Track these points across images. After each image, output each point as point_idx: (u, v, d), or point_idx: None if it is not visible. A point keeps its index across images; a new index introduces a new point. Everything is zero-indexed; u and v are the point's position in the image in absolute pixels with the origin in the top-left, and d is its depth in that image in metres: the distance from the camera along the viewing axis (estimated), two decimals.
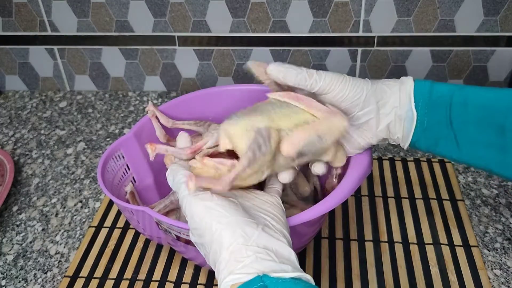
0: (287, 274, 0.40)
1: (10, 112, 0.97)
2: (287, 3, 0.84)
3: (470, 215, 0.69)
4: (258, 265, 0.40)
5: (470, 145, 0.51)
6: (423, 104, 0.52)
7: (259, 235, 0.43)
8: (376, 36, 0.87)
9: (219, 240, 0.43)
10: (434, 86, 0.52)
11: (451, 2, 0.82)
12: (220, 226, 0.43)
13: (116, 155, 0.65)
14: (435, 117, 0.52)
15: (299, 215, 0.51)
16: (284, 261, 0.42)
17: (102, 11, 0.89)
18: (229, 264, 0.41)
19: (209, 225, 0.44)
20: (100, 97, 0.99)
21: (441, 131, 0.52)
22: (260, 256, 0.41)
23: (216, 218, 0.44)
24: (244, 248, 0.41)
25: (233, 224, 0.43)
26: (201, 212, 0.45)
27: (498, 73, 0.89)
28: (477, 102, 0.50)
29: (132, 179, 0.68)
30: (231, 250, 0.42)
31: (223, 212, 0.44)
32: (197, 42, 0.91)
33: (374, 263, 0.64)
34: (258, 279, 0.39)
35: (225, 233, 0.42)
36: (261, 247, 0.42)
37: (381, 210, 0.71)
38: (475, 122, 0.50)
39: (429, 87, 0.52)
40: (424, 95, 0.52)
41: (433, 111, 0.52)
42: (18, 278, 0.65)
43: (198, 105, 0.70)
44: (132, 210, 0.57)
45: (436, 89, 0.52)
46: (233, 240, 0.42)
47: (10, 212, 0.75)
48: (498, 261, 0.63)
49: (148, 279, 0.64)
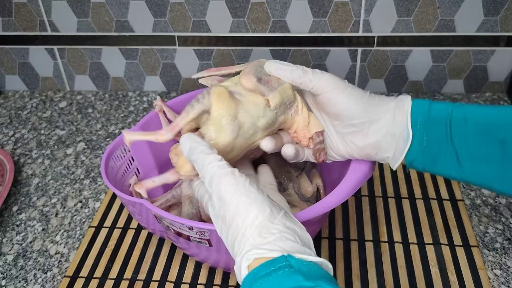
0: (310, 258, 0.40)
1: (10, 112, 0.97)
2: (287, 3, 0.84)
3: (470, 215, 0.69)
4: (282, 244, 0.40)
5: (470, 161, 0.50)
6: (422, 122, 0.51)
7: (283, 215, 0.42)
8: (376, 36, 0.87)
9: (244, 214, 0.42)
10: (432, 104, 0.51)
11: (451, 2, 0.82)
12: (248, 200, 0.42)
13: (121, 148, 0.65)
14: (435, 135, 0.51)
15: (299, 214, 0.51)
16: (305, 245, 0.41)
17: (102, 11, 0.89)
18: (252, 238, 0.41)
19: (237, 198, 0.43)
20: (100, 97, 0.99)
21: (441, 148, 0.51)
22: (285, 235, 0.40)
23: (244, 193, 0.43)
24: (270, 225, 0.41)
25: (261, 200, 0.43)
26: (230, 184, 0.44)
27: (498, 73, 0.89)
28: (477, 118, 0.50)
29: (136, 172, 0.68)
30: (256, 224, 0.41)
31: (251, 188, 0.43)
32: (197, 42, 0.91)
33: (374, 263, 0.64)
34: (283, 258, 0.39)
35: (252, 207, 0.42)
36: (286, 227, 0.41)
37: (381, 210, 0.71)
38: (476, 138, 0.49)
39: (428, 105, 0.51)
40: (422, 114, 0.51)
41: (432, 129, 0.51)
42: (18, 278, 0.65)
43: None
44: (131, 203, 0.57)
45: (435, 107, 0.51)
46: (259, 215, 0.41)
47: (10, 212, 0.75)
48: (498, 261, 0.63)
49: (148, 279, 0.64)
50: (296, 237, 0.41)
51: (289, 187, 0.65)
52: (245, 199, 0.42)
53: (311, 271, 0.38)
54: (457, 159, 0.50)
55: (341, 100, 0.52)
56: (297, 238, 0.41)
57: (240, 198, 0.43)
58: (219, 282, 0.63)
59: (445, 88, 0.92)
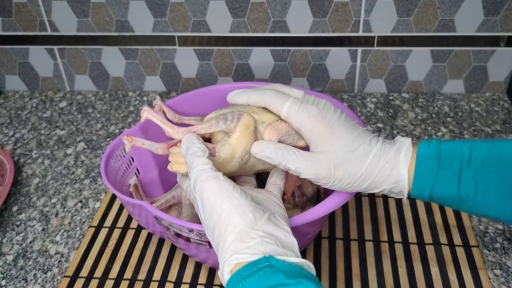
0: (291, 259, 0.40)
1: (10, 112, 0.97)
2: (287, 3, 0.84)
3: (470, 215, 0.69)
4: (262, 248, 0.41)
5: (483, 202, 0.48)
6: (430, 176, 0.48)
7: (265, 221, 0.43)
8: (376, 36, 0.87)
9: (226, 220, 0.42)
10: (440, 158, 0.48)
11: (451, 2, 0.82)
12: (229, 207, 0.43)
13: (121, 148, 0.65)
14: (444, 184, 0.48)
15: (301, 215, 0.51)
16: (287, 248, 0.42)
17: (102, 11, 0.89)
18: (233, 244, 0.41)
19: (219, 204, 0.43)
20: (100, 97, 0.99)
21: (450, 192, 0.48)
22: (265, 239, 0.41)
23: (227, 199, 0.43)
24: (250, 231, 0.42)
25: (243, 206, 0.43)
26: (212, 189, 0.44)
27: (498, 73, 0.89)
28: (490, 159, 0.47)
29: (136, 172, 0.68)
30: (237, 231, 0.42)
31: (234, 193, 0.44)
32: (197, 42, 0.91)
33: (374, 263, 0.64)
34: (264, 259, 0.39)
35: (233, 213, 0.42)
36: (267, 232, 0.42)
37: (381, 210, 0.71)
38: (489, 180, 0.47)
39: (435, 165, 0.48)
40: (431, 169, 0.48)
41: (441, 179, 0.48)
42: (18, 278, 0.65)
43: (204, 101, 0.70)
44: (131, 204, 0.57)
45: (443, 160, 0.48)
46: (240, 221, 0.42)
47: (10, 212, 0.75)
48: (498, 261, 0.63)
49: (148, 279, 0.64)
50: (277, 240, 0.42)
51: None
52: (227, 206, 0.43)
53: (292, 271, 0.39)
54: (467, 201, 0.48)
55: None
56: (278, 242, 0.42)
57: (222, 204, 0.43)
58: (219, 282, 0.63)
59: (445, 88, 0.92)
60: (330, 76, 0.92)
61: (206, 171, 0.46)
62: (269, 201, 0.49)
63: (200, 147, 0.49)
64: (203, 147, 0.49)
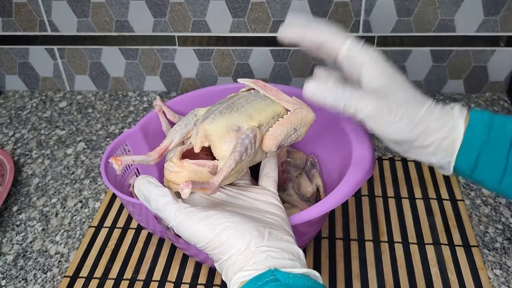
0: (296, 270, 0.40)
1: (10, 112, 0.97)
2: (287, 3, 0.84)
3: (470, 215, 0.69)
4: (268, 262, 0.40)
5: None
6: (475, 149, 0.47)
7: (268, 237, 0.42)
8: (376, 36, 0.87)
9: (228, 250, 0.42)
10: (492, 129, 0.47)
11: (451, 2, 0.82)
12: (229, 238, 0.42)
13: (121, 148, 0.65)
14: (488, 163, 0.47)
15: (300, 214, 0.51)
16: (293, 258, 0.42)
17: (102, 11, 0.89)
18: (238, 262, 0.41)
19: (217, 239, 0.42)
20: (100, 97, 0.99)
21: (491, 175, 0.48)
22: (270, 254, 0.41)
23: (222, 231, 0.42)
24: (256, 249, 0.41)
25: (242, 231, 0.42)
26: (202, 229, 0.43)
27: (498, 73, 0.89)
28: None
29: (136, 172, 0.68)
30: (242, 252, 0.41)
31: (227, 223, 0.43)
32: (197, 42, 0.91)
33: (374, 263, 0.64)
34: (269, 272, 0.39)
35: (235, 242, 0.42)
36: (271, 246, 0.42)
37: (381, 210, 0.71)
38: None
39: (487, 130, 0.47)
40: (479, 141, 0.47)
41: (486, 157, 0.47)
42: (18, 278, 0.65)
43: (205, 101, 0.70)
44: (131, 203, 0.57)
45: (495, 133, 0.47)
46: (245, 246, 0.41)
47: (10, 212, 0.75)
48: (498, 261, 0.63)
49: (148, 279, 0.64)
50: (282, 252, 0.42)
51: (289, 187, 0.65)
52: (225, 238, 0.42)
53: (297, 283, 0.39)
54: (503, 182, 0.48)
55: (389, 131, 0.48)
56: (283, 253, 0.42)
57: (220, 238, 0.42)
58: (219, 282, 0.63)
59: (445, 88, 0.92)
60: None
61: (180, 211, 0.44)
62: (267, 203, 0.49)
63: (162, 191, 0.46)
64: (165, 189, 0.46)
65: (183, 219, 0.44)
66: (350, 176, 0.55)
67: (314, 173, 0.67)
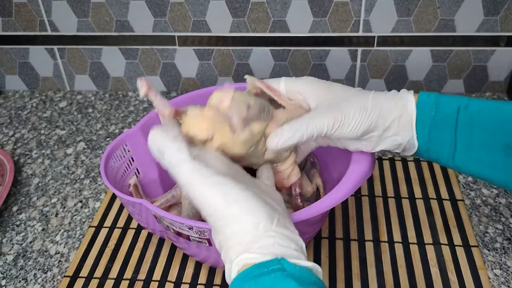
0: (302, 262, 0.40)
1: (10, 112, 0.97)
2: (287, 3, 0.84)
3: (470, 215, 0.69)
4: (274, 249, 0.40)
5: (473, 165, 0.50)
6: (427, 128, 0.50)
7: (277, 223, 0.41)
8: (376, 36, 0.87)
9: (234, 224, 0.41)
10: (439, 106, 0.50)
11: (451, 2, 0.82)
12: (240, 212, 0.41)
13: (121, 148, 0.65)
14: (439, 139, 0.50)
15: (300, 212, 0.51)
16: (298, 249, 0.41)
17: (102, 11, 0.89)
18: (243, 242, 0.40)
19: (226, 210, 0.41)
20: (100, 97, 0.99)
21: (444, 151, 0.50)
22: (277, 241, 0.40)
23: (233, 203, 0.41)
24: (264, 233, 0.40)
25: (253, 210, 0.41)
26: (213, 195, 0.42)
27: (498, 73, 0.89)
28: (483, 122, 0.48)
29: (136, 172, 0.68)
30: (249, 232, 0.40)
31: (240, 196, 0.42)
32: (197, 42, 0.91)
33: (374, 263, 0.64)
34: (276, 261, 0.38)
35: (244, 218, 0.41)
36: (279, 233, 0.41)
37: (381, 210, 0.71)
38: (480, 143, 0.48)
39: (434, 107, 0.50)
40: (428, 117, 0.50)
41: (437, 133, 0.50)
42: (18, 278, 0.65)
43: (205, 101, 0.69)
44: (131, 203, 0.57)
45: (441, 110, 0.50)
46: (253, 226, 0.40)
47: (10, 212, 0.75)
48: (498, 261, 0.63)
49: (148, 279, 0.64)
50: (289, 241, 0.41)
51: None
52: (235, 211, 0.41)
53: (303, 277, 0.38)
54: (458, 161, 0.50)
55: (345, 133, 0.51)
56: (290, 243, 0.41)
57: (230, 209, 0.41)
58: (219, 282, 0.63)
59: (445, 88, 0.92)
60: (330, 76, 0.92)
61: (204, 175, 0.43)
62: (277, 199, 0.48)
63: (174, 148, 0.44)
64: (178, 146, 0.44)
65: (195, 180, 0.42)
66: (349, 176, 0.55)
67: (314, 173, 0.67)
